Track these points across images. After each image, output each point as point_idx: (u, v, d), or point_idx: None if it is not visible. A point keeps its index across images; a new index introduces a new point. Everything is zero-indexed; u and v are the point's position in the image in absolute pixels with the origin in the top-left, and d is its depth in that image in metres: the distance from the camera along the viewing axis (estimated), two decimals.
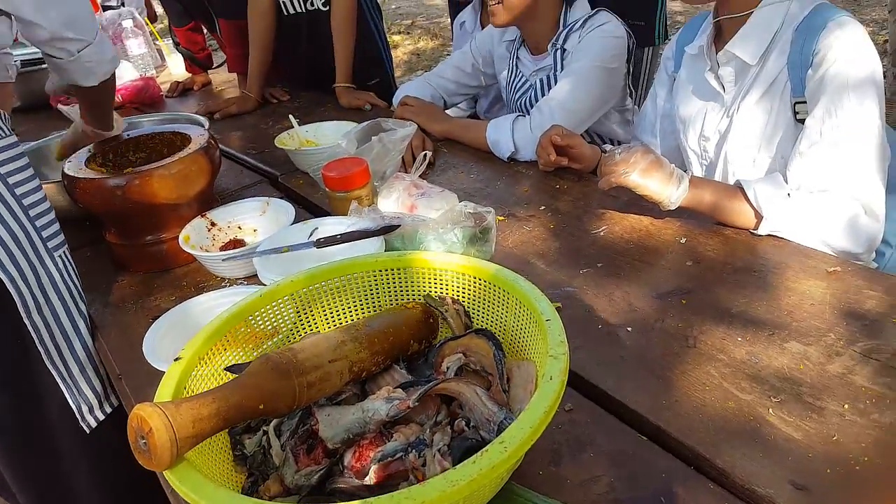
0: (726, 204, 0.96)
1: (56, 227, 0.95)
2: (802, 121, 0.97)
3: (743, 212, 0.95)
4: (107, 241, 1.11)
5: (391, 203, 1.11)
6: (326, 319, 0.76)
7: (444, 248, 0.91)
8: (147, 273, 1.09)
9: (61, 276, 0.93)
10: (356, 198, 1.11)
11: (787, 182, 0.95)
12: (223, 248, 1.08)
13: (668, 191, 0.96)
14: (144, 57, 2.59)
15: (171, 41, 2.49)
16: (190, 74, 2.42)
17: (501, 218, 1.12)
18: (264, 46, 1.92)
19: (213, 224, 1.10)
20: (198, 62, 2.37)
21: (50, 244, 0.92)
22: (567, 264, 0.96)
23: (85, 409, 0.98)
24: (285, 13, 1.87)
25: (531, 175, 1.27)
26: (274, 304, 0.72)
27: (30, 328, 0.89)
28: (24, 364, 0.90)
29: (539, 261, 0.98)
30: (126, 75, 2.26)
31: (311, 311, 0.75)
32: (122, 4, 3.24)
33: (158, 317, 0.96)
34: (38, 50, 2.35)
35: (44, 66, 2.28)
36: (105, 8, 3.39)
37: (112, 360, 0.89)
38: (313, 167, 1.30)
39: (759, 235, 0.94)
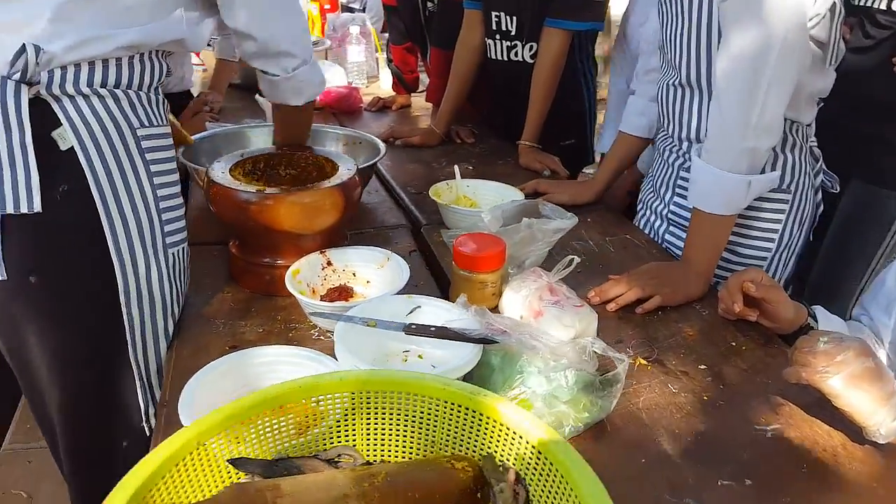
0: None
1: (180, 223, 0.98)
2: None
3: None
4: (229, 249, 1.13)
5: (518, 300, 0.99)
6: (367, 432, 0.66)
7: (548, 387, 0.77)
8: (252, 292, 1.08)
9: (169, 273, 0.95)
10: (482, 282, 1.01)
11: None
12: (330, 292, 1.04)
13: (879, 416, 0.71)
14: (360, 65, 2.76)
15: (386, 55, 2.61)
16: (394, 93, 2.51)
17: (644, 362, 0.94)
18: (462, 83, 1.91)
19: (329, 263, 1.07)
20: (404, 83, 2.46)
21: (169, 240, 0.94)
22: (705, 461, 0.76)
23: (151, 410, 0.99)
24: (489, 56, 1.85)
25: (705, 316, 1.06)
26: (314, 399, 0.63)
27: (125, 318, 0.91)
28: (111, 351, 0.92)
29: (669, 443, 0.79)
30: (335, 80, 2.41)
31: (354, 418, 0.65)
32: (364, 10, 3.52)
33: (236, 347, 0.94)
34: None
35: None
36: (345, 9, 3.73)
37: (170, 379, 0.88)
38: (452, 230, 1.22)
39: None
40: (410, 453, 0.67)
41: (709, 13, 1.05)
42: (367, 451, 0.67)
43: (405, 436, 0.66)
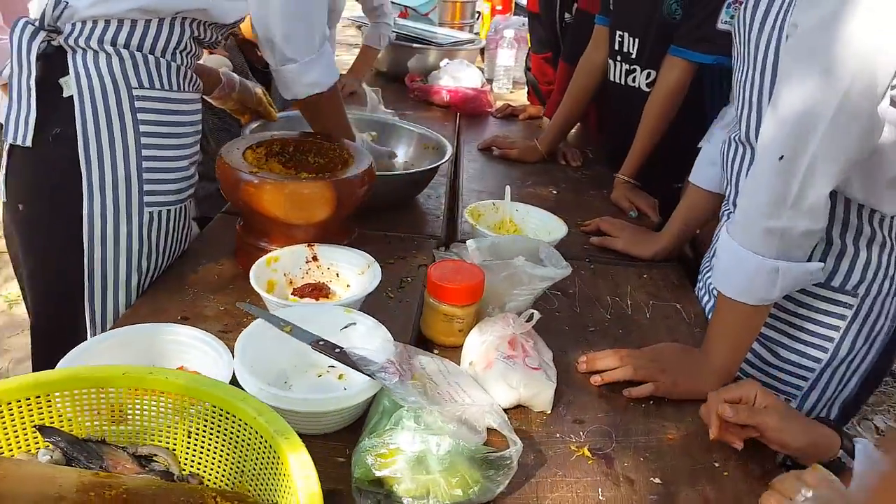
0: None
1: (168, 186, 1.02)
2: None
3: None
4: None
5: (476, 344, 0.89)
6: (187, 441, 0.63)
7: (417, 448, 0.68)
8: (244, 270, 1.10)
9: (141, 229, 1.00)
10: (447, 315, 0.94)
11: None
12: (305, 287, 1.03)
13: None
14: (508, 70, 2.71)
15: (525, 63, 2.54)
16: (528, 102, 2.44)
17: (588, 454, 0.80)
18: (576, 102, 1.79)
19: (315, 258, 1.05)
20: (539, 93, 2.37)
21: (147, 199, 0.99)
22: None
23: None
24: (608, 77, 1.70)
25: (691, 422, 0.87)
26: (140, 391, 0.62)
27: (86, 261, 0.98)
28: (72, 291, 0.99)
29: None
30: (467, 80, 2.38)
31: (178, 423, 0.63)
32: None
33: (186, 319, 0.96)
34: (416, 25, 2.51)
35: (415, 44, 2.57)
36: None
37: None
38: (444, 251, 1.14)
39: None
40: (222, 475, 0.63)
41: (775, 57, 0.85)
42: (186, 460, 0.64)
43: (220, 455, 0.62)
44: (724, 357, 0.89)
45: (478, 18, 3.59)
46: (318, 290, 1.02)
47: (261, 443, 0.59)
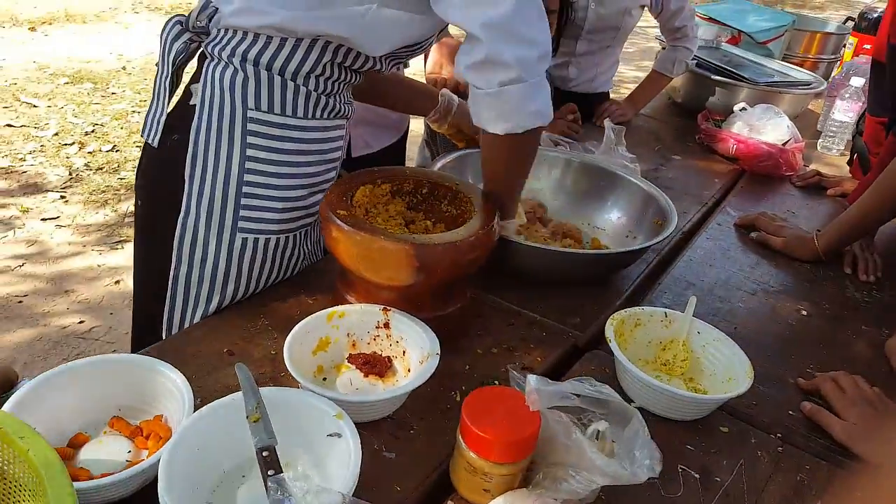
0: None
1: (270, 215, 0.97)
2: None
3: None
4: None
5: None
6: None
7: None
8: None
9: (229, 253, 0.97)
10: (472, 466, 0.72)
11: None
12: (360, 357, 0.90)
13: None
14: (843, 128, 2.15)
15: (856, 126, 1.96)
16: (848, 175, 1.89)
17: None
18: (891, 193, 1.30)
19: (386, 325, 0.91)
20: (866, 166, 1.81)
21: (242, 224, 0.96)
22: None
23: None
24: None
25: None
26: None
27: (171, 275, 0.97)
28: (157, 293, 1.00)
29: None
30: (769, 132, 1.93)
31: None
32: None
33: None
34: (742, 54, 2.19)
35: (716, 76, 2.17)
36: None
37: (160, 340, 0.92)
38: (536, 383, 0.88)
39: None
40: None
41: None
42: None
43: None
44: None
45: (840, 55, 2.93)
46: (370, 365, 0.89)
47: None
